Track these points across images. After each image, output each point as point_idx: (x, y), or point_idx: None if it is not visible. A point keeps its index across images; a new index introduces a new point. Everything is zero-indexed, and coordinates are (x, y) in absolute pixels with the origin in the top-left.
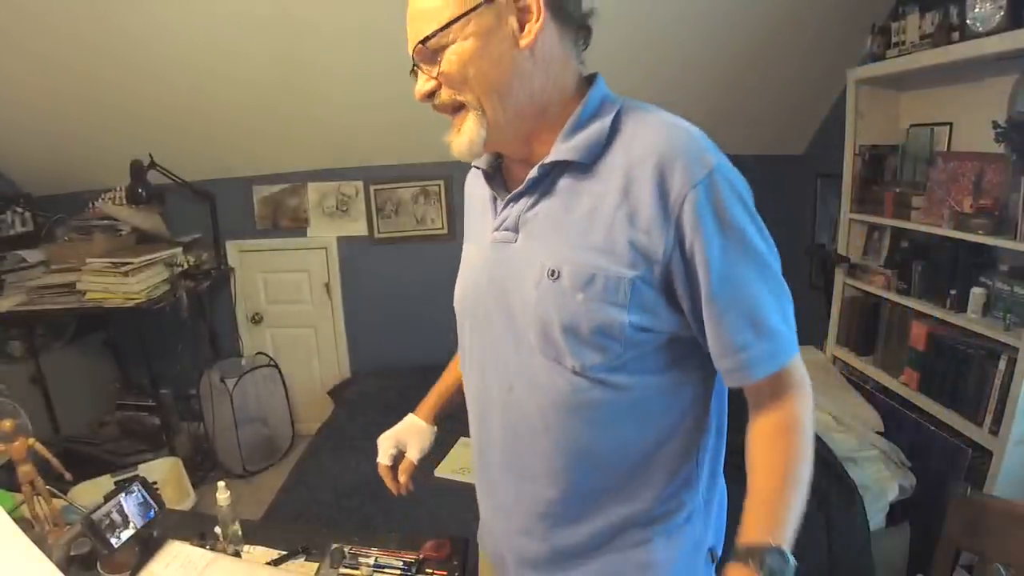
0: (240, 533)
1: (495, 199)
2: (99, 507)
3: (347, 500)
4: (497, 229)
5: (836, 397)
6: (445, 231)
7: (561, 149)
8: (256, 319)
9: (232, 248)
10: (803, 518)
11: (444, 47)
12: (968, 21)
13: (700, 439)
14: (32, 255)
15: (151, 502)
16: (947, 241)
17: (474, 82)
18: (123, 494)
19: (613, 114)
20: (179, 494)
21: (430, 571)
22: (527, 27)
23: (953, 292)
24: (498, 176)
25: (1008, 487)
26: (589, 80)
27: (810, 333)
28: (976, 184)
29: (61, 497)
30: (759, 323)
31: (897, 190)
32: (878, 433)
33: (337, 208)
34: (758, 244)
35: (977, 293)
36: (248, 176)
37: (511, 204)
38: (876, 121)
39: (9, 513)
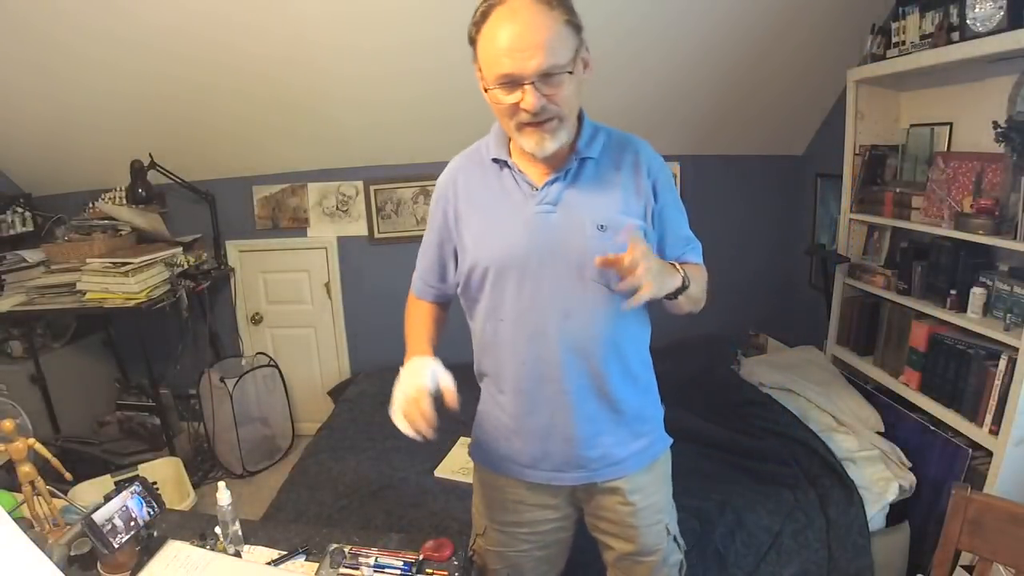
0: (240, 533)
1: (519, 182)
2: (99, 507)
3: (347, 500)
4: (540, 203)
5: (836, 397)
6: None
7: (585, 151)
8: (256, 319)
9: (232, 248)
10: (803, 518)
11: (559, 74)
12: (968, 21)
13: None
14: (32, 255)
15: (151, 502)
16: (947, 241)
17: (573, 102)
18: (123, 494)
19: (603, 129)
20: (179, 494)
21: (430, 571)
22: (587, 70)
23: (953, 292)
24: (509, 166)
25: (1008, 487)
26: None
27: (810, 333)
28: (976, 184)
29: (61, 497)
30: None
31: (897, 190)
32: (878, 433)
33: (337, 208)
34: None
35: (977, 293)
36: (248, 176)
37: (548, 186)
38: (876, 121)
39: (9, 513)
